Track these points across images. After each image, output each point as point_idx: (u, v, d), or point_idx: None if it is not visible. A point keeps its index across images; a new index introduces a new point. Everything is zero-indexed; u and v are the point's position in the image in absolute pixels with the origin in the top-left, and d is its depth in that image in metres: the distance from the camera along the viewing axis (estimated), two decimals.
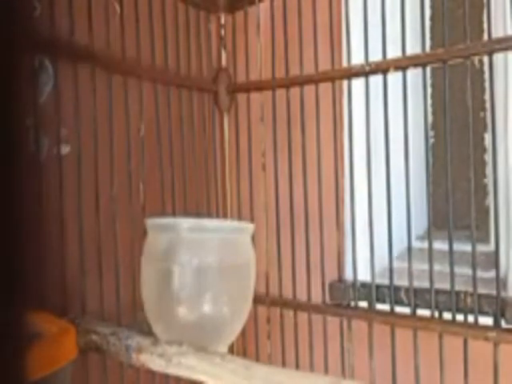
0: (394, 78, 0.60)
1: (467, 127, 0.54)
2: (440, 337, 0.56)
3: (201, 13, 0.76)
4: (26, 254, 0.16)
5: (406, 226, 0.59)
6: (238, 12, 0.75)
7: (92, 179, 0.56)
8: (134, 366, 0.45)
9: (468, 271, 0.61)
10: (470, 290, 0.55)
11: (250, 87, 0.73)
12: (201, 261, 0.49)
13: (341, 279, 0.70)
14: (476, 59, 0.54)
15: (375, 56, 0.60)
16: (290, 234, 0.68)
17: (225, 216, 0.77)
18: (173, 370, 0.43)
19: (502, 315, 0.54)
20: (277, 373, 0.39)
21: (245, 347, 0.73)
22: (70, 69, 0.54)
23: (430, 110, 0.87)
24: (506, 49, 0.51)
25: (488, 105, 0.79)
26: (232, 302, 0.51)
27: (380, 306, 0.62)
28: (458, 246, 0.63)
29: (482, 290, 0.57)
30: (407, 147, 0.58)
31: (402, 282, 0.62)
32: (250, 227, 0.54)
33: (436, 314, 0.57)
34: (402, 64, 0.57)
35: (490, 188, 0.70)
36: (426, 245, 0.60)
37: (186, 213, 0.70)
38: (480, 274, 0.62)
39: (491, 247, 0.71)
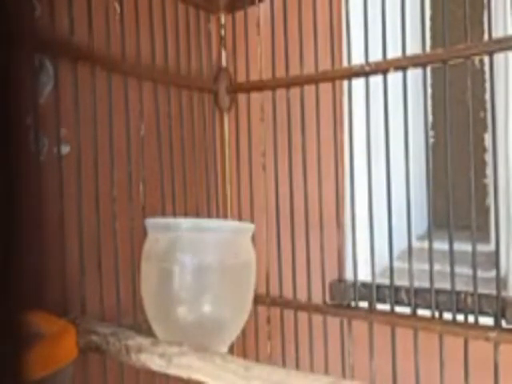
0: (394, 77, 0.60)
1: (467, 127, 0.54)
2: (440, 337, 0.56)
3: (201, 13, 0.76)
4: (26, 254, 0.16)
5: (407, 226, 0.59)
6: (238, 12, 0.75)
7: (92, 179, 0.56)
8: (133, 366, 0.45)
9: (468, 271, 0.61)
10: (471, 290, 0.55)
11: (250, 87, 0.73)
12: (201, 261, 0.49)
13: (341, 279, 0.70)
14: (476, 59, 0.54)
15: (375, 56, 0.60)
16: (290, 234, 0.68)
17: (225, 216, 0.77)
18: (173, 371, 0.43)
19: (503, 315, 0.54)
20: (277, 373, 0.39)
21: (245, 347, 0.73)
22: (70, 69, 0.54)
23: (430, 110, 0.87)
24: (507, 49, 0.51)
25: (488, 105, 0.79)
26: (232, 302, 0.51)
27: (380, 306, 0.62)
28: (459, 246, 0.63)
29: (482, 290, 0.57)
30: (407, 147, 0.58)
31: (402, 282, 0.62)
32: (250, 227, 0.54)
33: (436, 314, 0.57)
34: (402, 64, 0.57)
35: (491, 188, 0.70)
36: (426, 245, 0.60)
37: (186, 213, 0.70)
38: (480, 273, 0.62)
39: (491, 247, 0.71)
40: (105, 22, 0.58)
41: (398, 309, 0.60)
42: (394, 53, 0.59)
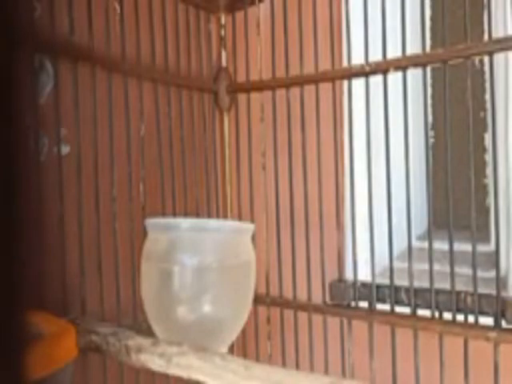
0: (394, 78, 0.60)
1: (467, 127, 0.54)
2: (440, 337, 0.56)
3: (201, 13, 0.76)
4: (26, 254, 0.16)
5: (406, 226, 0.59)
6: (238, 12, 0.75)
7: (92, 179, 0.56)
8: (133, 366, 0.45)
9: (468, 271, 0.61)
10: (471, 290, 0.55)
11: (250, 87, 0.73)
12: (201, 261, 0.49)
13: (341, 279, 0.70)
14: (476, 59, 0.54)
15: (375, 56, 0.60)
16: (290, 233, 0.68)
17: (225, 216, 0.77)
18: (173, 371, 0.43)
19: (503, 315, 0.54)
20: (277, 373, 0.39)
21: (245, 347, 0.73)
22: (70, 69, 0.54)
23: (430, 110, 0.87)
24: (507, 49, 0.51)
25: (488, 105, 0.79)
26: (232, 302, 0.51)
27: (380, 306, 0.62)
28: (459, 246, 0.63)
29: (482, 290, 0.57)
30: (407, 147, 0.58)
31: (402, 281, 0.62)
32: (250, 227, 0.54)
33: (436, 314, 0.57)
34: (402, 64, 0.57)
35: (491, 188, 0.70)
36: (426, 245, 0.60)
37: (186, 213, 0.70)
38: (480, 274, 0.62)
39: (491, 247, 0.71)
40: (105, 22, 0.58)
41: (398, 309, 0.60)
42: (393, 53, 0.59)
